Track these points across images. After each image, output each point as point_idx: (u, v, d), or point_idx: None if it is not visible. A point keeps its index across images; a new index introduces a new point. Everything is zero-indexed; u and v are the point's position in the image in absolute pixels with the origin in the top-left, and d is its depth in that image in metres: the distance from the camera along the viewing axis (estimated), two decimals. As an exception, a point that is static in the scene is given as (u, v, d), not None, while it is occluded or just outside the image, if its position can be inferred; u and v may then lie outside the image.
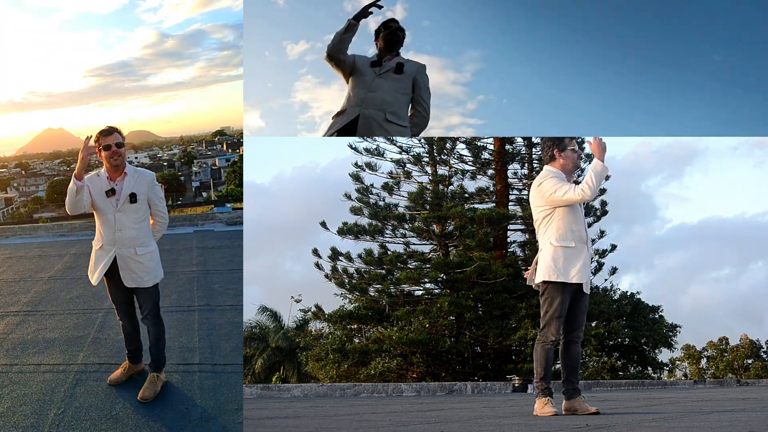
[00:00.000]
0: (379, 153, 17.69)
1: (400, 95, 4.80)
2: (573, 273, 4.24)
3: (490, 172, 17.84)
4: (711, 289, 68.55)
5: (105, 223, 4.44)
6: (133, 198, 4.40)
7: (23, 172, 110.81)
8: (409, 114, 4.91)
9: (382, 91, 4.74)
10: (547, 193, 4.28)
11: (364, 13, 4.76)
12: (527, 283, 4.51)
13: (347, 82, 4.92)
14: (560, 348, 4.37)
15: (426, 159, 18.00)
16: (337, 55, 4.78)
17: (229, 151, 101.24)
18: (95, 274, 4.51)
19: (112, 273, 4.47)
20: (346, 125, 4.75)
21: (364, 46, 5.19)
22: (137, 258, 4.45)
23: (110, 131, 4.38)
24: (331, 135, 4.83)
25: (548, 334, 4.26)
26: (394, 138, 17.24)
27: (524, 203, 17.55)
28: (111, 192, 4.37)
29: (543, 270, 4.29)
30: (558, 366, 4.54)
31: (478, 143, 17.72)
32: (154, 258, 4.58)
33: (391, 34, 4.93)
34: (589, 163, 4.48)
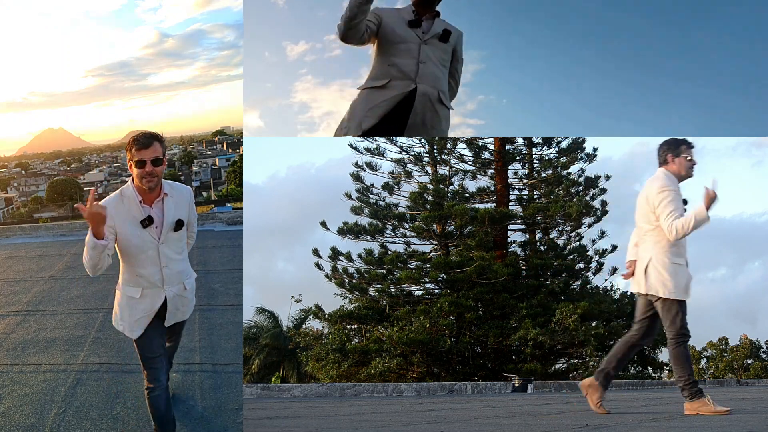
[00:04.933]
0: (379, 152, 17.71)
1: (445, 69, 3.94)
2: (689, 291, 4.25)
3: (490, 172, 17.84)
4: (707, 289, 68.68)
5: (145, 262, 3.38)
6: (179, 225, 3.42)
7: (23, 172, 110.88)
8: None
9: (431, 63, 3.82)
10: (657, 206, 4.15)
11: None
12: (631, 290, 4.44)
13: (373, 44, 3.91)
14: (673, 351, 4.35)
15: (426, 159, 18.01)
16: (357, 35, 3.67)
17: (230, 150, 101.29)
18: (136, 326, 3.45)
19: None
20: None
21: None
22: (185, 293, 3.61)
23: (148, 142, 3.21)
24: (374, 123, 3.72)
25: (683, 330, 4.21)
26: (394, 138, 17.23)
27: (525, 203, 17.57)
28: (148, 221, 3.30)
29: (660, 285, 4.24)
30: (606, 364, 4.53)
31: (479, 143, 17.73)
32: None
33: None
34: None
